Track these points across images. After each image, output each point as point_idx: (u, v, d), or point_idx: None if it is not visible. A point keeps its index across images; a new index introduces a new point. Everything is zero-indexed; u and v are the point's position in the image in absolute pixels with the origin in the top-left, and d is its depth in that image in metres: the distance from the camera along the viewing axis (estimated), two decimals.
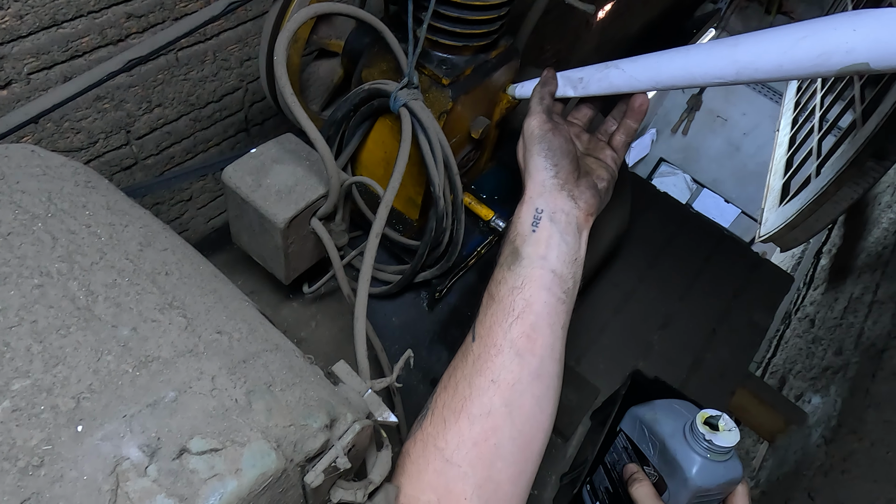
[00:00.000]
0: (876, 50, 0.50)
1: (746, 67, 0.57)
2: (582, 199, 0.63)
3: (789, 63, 0.54)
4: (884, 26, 0.50)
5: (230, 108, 1.24)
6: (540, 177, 0.62)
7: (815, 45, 0.53)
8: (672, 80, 0.62)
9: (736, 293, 1.83)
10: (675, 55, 0.62)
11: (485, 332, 0.60)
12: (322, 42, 0.83)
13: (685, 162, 5.54)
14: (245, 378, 0.39)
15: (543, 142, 0.63)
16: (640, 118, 0.69)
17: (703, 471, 0.69)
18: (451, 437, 0.57)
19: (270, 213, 0.63)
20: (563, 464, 1.50)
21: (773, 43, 0.55)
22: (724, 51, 0.57)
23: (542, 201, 0.62)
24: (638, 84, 0.65)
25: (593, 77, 0.68)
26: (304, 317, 0.83)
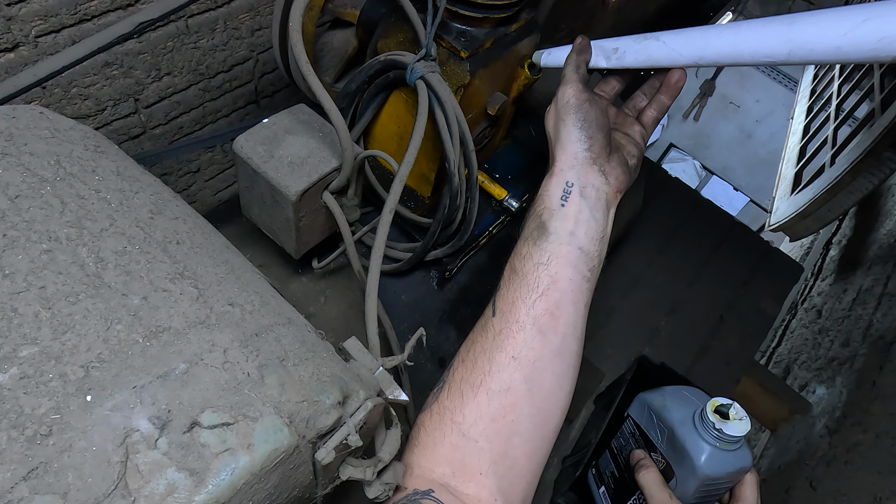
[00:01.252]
0: None
1: (801, 47, 0.54)
2: (613, 174, 0.61)
3: (848, 45, 0.52)
4: None
5: (240, 78, 1.21)
6: (573, 149, 0.60)
7: (878, 28, 0.50)
8: (718, 57, 0.59)
9: (745, 281, 1.82)
10: (724, 30, 0.59)
11: (507, 307, 0.59)
12: (337, 11, 0.81)
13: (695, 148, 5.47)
14: (258, 351, 0.38)
15: (580, 112, 0.60)
16: (675, 94, 0.67)
17: (711, 459, 0.68)
18: (468, 412, 0.56)
19: (282, 185, 0.62)
20: (565, 446, 1.50)
21: (832, 23, 0.52)
22: (778, 28, 0.55)
23: (574, 174, 0.60)
24: (679, 59, 0.62)
25: (630, 48, 0.65)
26: (314, 292, 0.82)
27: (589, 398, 1.54)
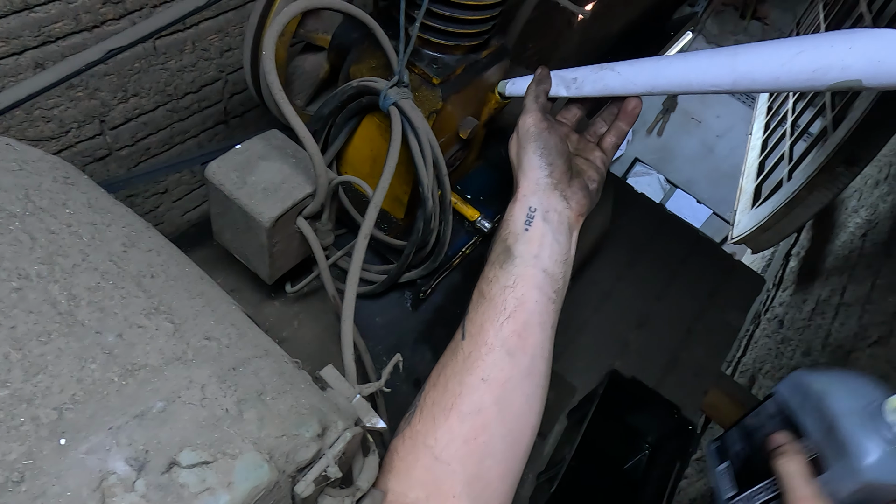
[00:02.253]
0: (870, 68, 0.51)
1: (744, 77, 0.57)
2: (574, 199, 0.63)
3: (786, 76, 0.55)
4: (880, 46, 0.51)
5: (209, 98, 1.21)
6: (534, 175, 0.62)
7: (812, 60, 0.53)
8: (669, 86, 0.62)
9: (710, 294, 1.86)
10: (674, 61, 0.62)
11: (476, 330, 0.60)
12: (308, 36, 0.81)
13: (660, 162, 5.62)
14: (236, 386, 0.38)
15: (539, 140, 0.62)
16: (632, 121, 0.69)
17: (881, 463, 0.58)
18: (440, 435, 0.57)
19: (256, 212, 0.62)
20: (539, 462, 1.51)
21: (771, 55, 0.55)
22: (723, 59, 0.58)
23: (536, 200, 0.62)
24: (633, 88, 0.65)
25: (588, 78, 0.68)
26: (287, 316, 0.82)
27: (562, 413, 1.56)
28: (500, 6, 0.69)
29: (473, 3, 0.65)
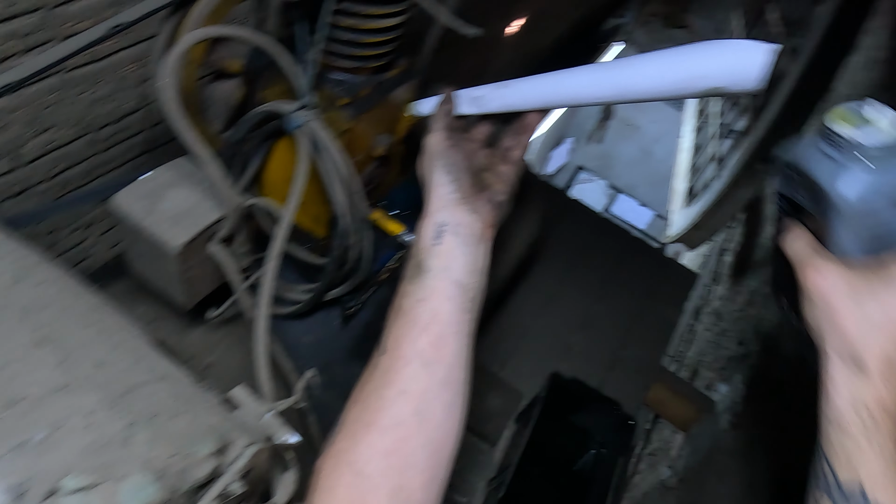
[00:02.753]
0: (729, 76, 0.56)
1: (626, 89, 0.61)
2: (482, 212, 0.65)
3: (661, 86, 0.59)
4: (739, 55, 0.56)
5: (131, 128, 1.19)
6: (441, 191, 0.65)
7: (680, 70, 0.58)
8: (561, 100, 0.66)
9: (647, 292, 1.93)
10: (564, 76, 0.66)
11: (392, 344, 0.62)
12: (220, 63, 0.82)
13: (602, 169, 5.79)
14: (127, 410, 0.38)
15: (443, 158, 0.65)
16: (532, 134, 0.73)
17: (852, 184, 0.49)
18: (362, 451, 0.58)
19: (164, 240, 0.62)
20: (490, 469, 1.53)
21: (647, 68, 0.60)
22: (606, 74, 0.62)
23: (444, 215, 0.64)
24: (531, 103, 0.69)
25: (491, 96, 0.71)
26: (212, 342, 0.82)
27: (510, 419, 1.58)
28: (399, 28, 0.72)
29: (371, 27, 0.68)
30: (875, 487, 0.47)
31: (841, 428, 0.49)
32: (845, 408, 0.48)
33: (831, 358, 0.50)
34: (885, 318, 0.48)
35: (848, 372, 0.49)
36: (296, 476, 0.56)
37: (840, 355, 0.50)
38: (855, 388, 0.48)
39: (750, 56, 0.56)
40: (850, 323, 0.49)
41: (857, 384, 0.48)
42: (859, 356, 0.48)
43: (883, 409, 0.47)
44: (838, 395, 0.49)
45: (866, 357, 0.48)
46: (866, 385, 0.48)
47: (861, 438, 0.48)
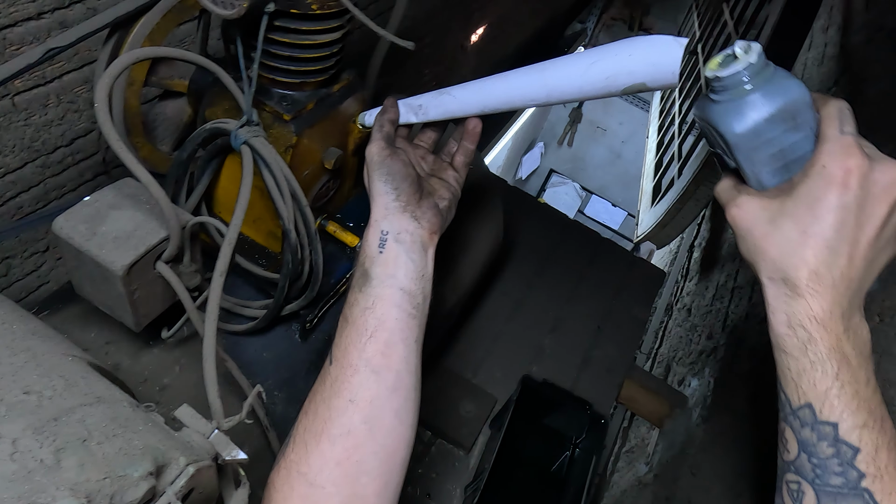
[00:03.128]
0: (649, 71, 0.57)
1: (554, 90, 0.63)
2: (424, 218, 0.66)
3: (587, 85, 0.61)
4: (654, 51, 0.57)
5: (84, 151, 1.18)
6: (383, 200, 0.65)
7: (604, 69, 0.59)
8: (496, 104, 0.67)
9: (616, 292, 1.96)
10: (496, 81, 0.67)
11: (340, 354, 0.62)
12: (164, 83, 0.82)
13: (573, 171, 5.86)
14: (55, 436, 0.38)
15: (382, 167, 0.66)
16: (475, 139, 0.74)
17: (735, 117, 0.52)
18: (313, 461, 0.58)
19: (108, 262, 0.62)
20: (466, 475, 1.53)
21: (571, 68, 0.61)
22: (535, 76, 0.63)
23: (387, 223, 0.65)
24: (468, 108, 0.70)
25: (431, 104, 0.72)
26: (167, 362, 0.81)
27: (484, 425, 1.59)
28: (338, 44, 0.72)
29: (309, 43, 0.69)
30: (823, 406, 0.47)
31: (784, 351, 0.49)
32: (783, 329, 0.49)
33: (765, 284, 0.51)
34: (801, 235, 0.49)
35: (780, 293, 0.50)
36: (247, 492, 0.56)
37: (772, 279, 0.50)
38: (788, 307, 0.49)
39: (664, 51, 0.57)
40: (772, 246, 0.50)
41: (789, 303, 0.49)
42: (787, 276, 0.49)
43: (817, 323, 0.48)
44: (776, 319, 0.50)
45: (792, 275, 0.48)
46: (797, 302, 0.48)
47: (802, 358, 0.48)
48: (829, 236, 0.48)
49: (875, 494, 0.46)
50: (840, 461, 0.47)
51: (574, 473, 1.51)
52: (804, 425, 0.49)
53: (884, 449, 0.46)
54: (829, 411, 0.47)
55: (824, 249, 0.48)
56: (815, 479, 0.48)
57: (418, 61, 2.47)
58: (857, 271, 0.49)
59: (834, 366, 0.48)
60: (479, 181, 1.33)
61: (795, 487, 0.49)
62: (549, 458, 1.61)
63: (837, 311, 0.48)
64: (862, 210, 0.48)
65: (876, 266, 0.50)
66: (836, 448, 0.47)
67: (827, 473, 0.47)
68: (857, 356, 0.48)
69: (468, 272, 1.29)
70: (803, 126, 0.51)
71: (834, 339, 0.48)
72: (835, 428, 0.47)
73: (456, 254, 1.23)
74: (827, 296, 0.48)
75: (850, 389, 0.47)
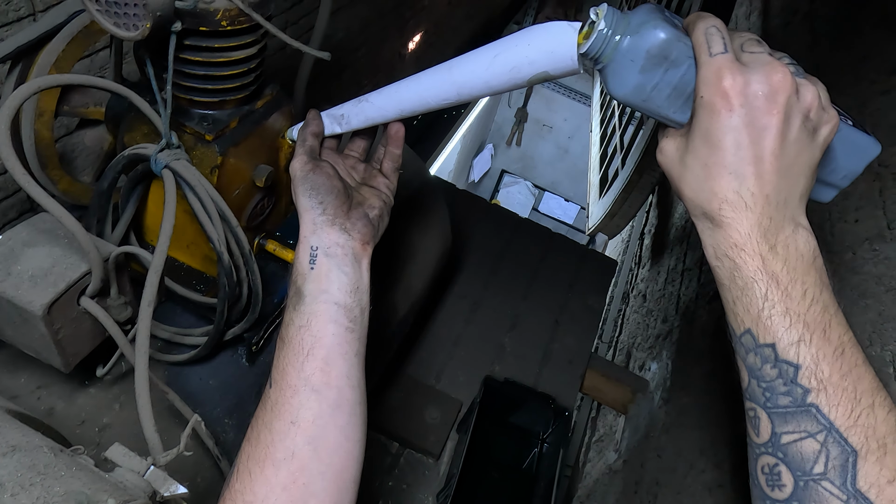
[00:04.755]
0: (548, 59, 0.57)
1: (463, 87, 0.62)
2: (355, 229, 0.65)
3: (493, 79, 0.60)
4: (550, 38, 0.57)
5: (6, 188, 1.13)
6: (309, 216, 0.64)
7: (506, 60, 0.59)
8: (412, 106, 0.67)
9: (571, 284, 1.99)
10: (409, 83, 0.67)
11: (279, 375, 0.61)
12: (78, 112, 0.79)
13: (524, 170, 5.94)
14: None
15: (306, 182, 0.65)
16: (399, 143, 0.73)
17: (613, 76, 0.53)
18: (258, 488, 0.57)
19: (25, 302, 0.59)
20: (437, 482, 1.52)
21: (476, 63, 0.61)
22: (443, 75, 0.63)
23: (316, 238, 0.63)
24: (387, 113, 0.69)
25: (352, 112, 0.71)
26: (106, 401, 0.78)
27: (451, 430, 1.58)
28: (255, 59, 0.71)
29: (223, 60, 0.67)
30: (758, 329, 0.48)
31: (722, 286, 0.50)
32: (713, 262, 0.50)
33: (694, 222, 0.51)
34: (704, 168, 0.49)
35: (704, 227, 0.50)
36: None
37: (695, 216, 0.51)
38: (712, 239, 0.49)
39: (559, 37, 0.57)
40: (685, 185, 0.51)
41: (712, 236, 0.49)
42: (703, 210, 0.49)
43: (738, 250, 0.48)
44: (707, 253, 0.50)
45: (707, 208, 0.49)
46: (718, 233, 0.49)
47: (732, 286, 0.48)
48: (729, 162, 0.48)
49: (822, 408, 0.46)
50: (784, 381, 0.47)
51: (543, 468, 1.52)
52: (748, 351, 0.49)
53: (826, 360, 0.46)
54: (764, 333, 0.48)
55: (727, 176, 0.48)
56: (765, 403, 0.48)
57: (356, 72, 2.46)
58: (772, 186, 0.48)
59: (762, 287, 0.48)
60: (422, 186, 1.33)
61: (752, 414, 0.49)
62: (518, 455, 1.61)
63: (758, 232, 0.48)
64: (752, 126, 0.47)
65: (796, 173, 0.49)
66: (778, 368, 0.47)
67: (775, 395, 0.47)
68: (789, 272, 0.48)
69: (418, 278, 1.29)
70: (681, 59, 0.51)
71: (758, 261, 0.48)
72: (773, 348, 0.47)
73: (404, 261, 1.22)
74: (743, 220, 0.48)
75: (781, 308, 0.47)
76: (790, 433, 0.46)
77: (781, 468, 0.47)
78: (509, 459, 1.62)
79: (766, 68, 0.47)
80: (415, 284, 1.27)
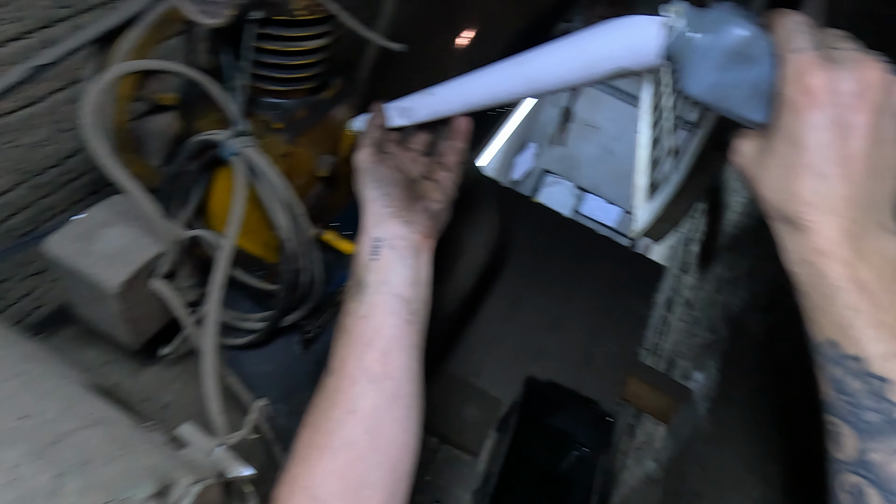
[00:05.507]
0: (629, 54, 0.56)
1: (536, 81, 0.61)
2: (417, 222, 0.65)
3: (568, 73, 0.59)
4: (630, 33, 0.56)
5: (75, 170, 1.17)
6: (373, 207, 0.65)
7: (583, 54, 0.58)
8: (480, 100, 0.66)
9: (614, 288, 1.96)
10: (478, 76, 0.66)
11: (338, 364, 0.61)
12: (153, 97, 0.81)
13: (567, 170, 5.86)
14: (55, 460, 0.37)
15: (371, 173, 0.65)
16: (464, 137, 0.73)
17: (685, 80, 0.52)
18: (315, 475, 0.57)
19: (101, 280, 0.61)
20: (475, 480, 1.52)
21: (551, 57, 0.60)
22: (516, 69, 0.62)
23: (379, 230, 0.64)
24: (454, 107, 0.69)
25: (417, 105, 0.71)
26: (167, 380, 0.80)
27: (490, 428, 1.58)
28: (326, 50, 0.72)
29: (296, 49, 0.68)
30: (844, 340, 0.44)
31: (802, 293, 0.47)
32: (794, 268, 0.47)
33: (772, 226, 0.49)
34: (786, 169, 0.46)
35: (784, 232, 0.48)
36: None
37: (775, 220, 0.48)
38: (793, 244, 0.47)
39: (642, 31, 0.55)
40: (764, 186, 0.48)
41: (793, 240, 0.47)
42: (784, 213, 0.47)
43: (822, 256, 0.45)
44: (786, 258, 0.48)
45: (788, 211, 0.46)
46: (800, 237, 0.46)
47: (815, 293, 0.45)
48: (813, 163, 0.45)
49: None
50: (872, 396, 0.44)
51: (582, 473, 1.50)
52: (830, 362, 0.46)
53: None
54: (850, 344, 0.44)
55: (811, 178, 0.45)
56: (850, 417, 0.45)
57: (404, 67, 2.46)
58: (860, 189, 0.45)
59: (848, 296, 0.44)
60: (472, 183, 1.32)
61: (834, 429, 0.46)
62: (555, 458, 1.60)
63: (844, 238, 0.45)
64: (839, 125, 0.44)
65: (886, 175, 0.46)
66: (866, 382, 0.44)
67: (860, 409, 0.44)
68: (878, 279, 0.44)
69: (467, 274, 1.29)
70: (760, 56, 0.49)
71: (844, 268, 0.45)
72: (860, 361, 0.44)
73: (454, 256, 1.22)
74: (828, 224, 0.45)
75: (869, 318, 0.44)
76: (880, 452, 0.44)
77: (870, 489, 0.44)
78: (544, 461, 1.61)
79: (856, 65, 0.44)
80: (463, 281, 1.27)
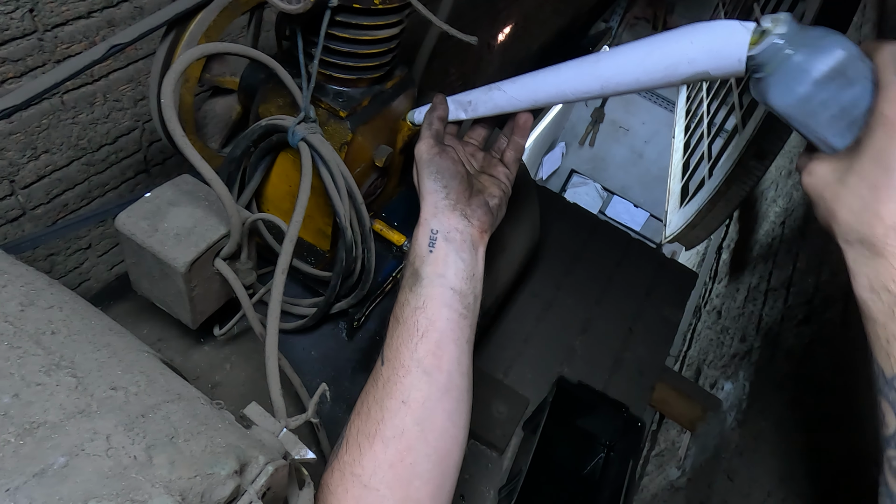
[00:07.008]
0: (711, 59, 0.55)
1: (609, 81, 0.61)
2: (475, 216, 0.65)
3: (643, 75, 0.59)
4: (716, 37, 0.55)
5: (126, 149, 1.19)
6: (432, 199, 0.65)
7: (663, 57, 0.58)
8: (547, 97, 0.66)
9: (647, 293, 1.93)
10: (547, 74, 0.66)
11: (392, 354, 0.62)
12: (215, 80, 0.82)
13: (594, 171, 5.82)
14: (144, 433, 0.38)
15: (432, 165, 0.65)
16: (525, 134, 0.73)
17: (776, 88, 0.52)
18: (367, 463, 0.58)
19: (170, 258, 0.62)
20: (500, 477, 1.52)
21: (628, 58, 0.60)
22: (588, 68, 0.62)
23: (437, 222, 0.64)
24: (519, 103, 0.69)
25: (480, 99, 0.71)
26: (218, 360, 0.81)
27: (517, 426, 1.57)
28: (395, 39, 0.72)
29: (368, 38, 0.68)
30: None
31: (871, 318, 0.46)
32: (866, 294, 0.46)
33: (844, 249, 0.48)
34: (872, 190, 0.45)
35: (859, 256, 0.47)
36: (312, 493, 0.55)
37: (848, 242, 0.47)
38: (869, 269, 0.46)
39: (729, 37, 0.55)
40: (843, 207, 0.48)
41: (869, 265, 0.46)
42: (862, 236, 0.46)
43: None
44: (858, 283, 0.47)
45: (868, 234, 0.45)
46: (878, 263, 0.45)
47: (890, 323, 0.44)
48: None
49: None
50: None
51: (609, 477, 1.49)
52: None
53: None
54: None
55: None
56: None
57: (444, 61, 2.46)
58: None
59: None
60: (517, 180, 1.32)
61: None
62: (579, 460, 1.59)
63: None
64: None
65: None
66: None
67: None
68: None
69: (505, 271, 1.28)
70: (858, 79, 0.49)
71: None
72: None
73: (494, 253, 1.22)
74: None
75: None
76: None
77: None
78: (570, 462, 1.60)
79: None
80: (501, 277, 1.27)
